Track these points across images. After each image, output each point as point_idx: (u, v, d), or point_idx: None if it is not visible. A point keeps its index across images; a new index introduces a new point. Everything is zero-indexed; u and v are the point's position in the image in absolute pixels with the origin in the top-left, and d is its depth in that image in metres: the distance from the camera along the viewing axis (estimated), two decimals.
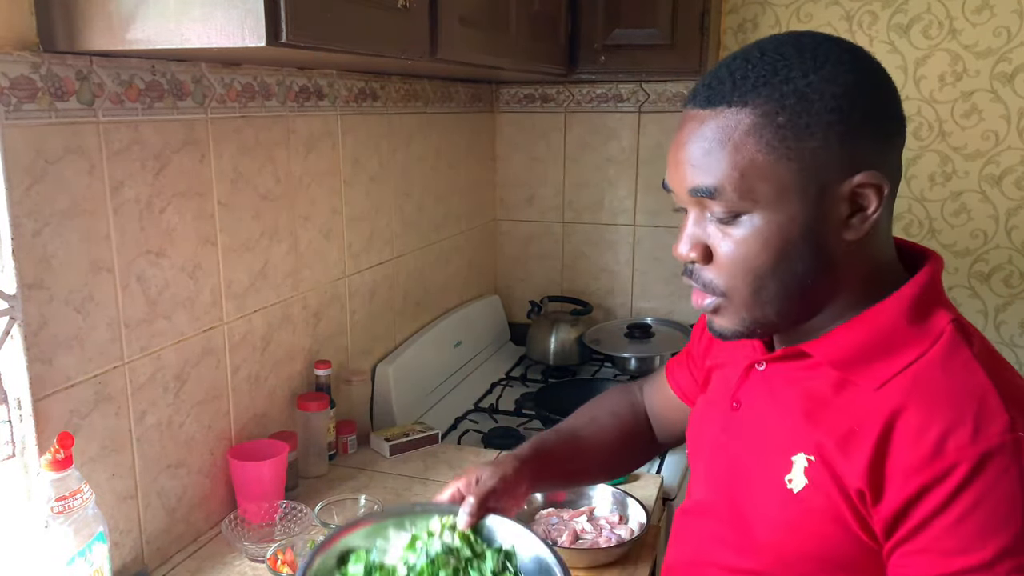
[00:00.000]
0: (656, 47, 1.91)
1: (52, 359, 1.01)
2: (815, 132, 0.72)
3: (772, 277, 0.76)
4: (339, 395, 1.60)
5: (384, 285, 1.81)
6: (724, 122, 0.74)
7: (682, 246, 0.80)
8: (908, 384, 0.74)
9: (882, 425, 0.73)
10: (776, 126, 0.72)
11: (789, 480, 0.79)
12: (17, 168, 0.95)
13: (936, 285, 0.80)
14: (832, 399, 0.78)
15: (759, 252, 0.75)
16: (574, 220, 2.39)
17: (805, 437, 0.79)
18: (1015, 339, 2.18)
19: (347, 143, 1.62)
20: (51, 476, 0.92)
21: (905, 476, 0.70)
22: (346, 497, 1.35)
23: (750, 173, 0.73)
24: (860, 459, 0.73)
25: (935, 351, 0.75)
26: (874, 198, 0.75)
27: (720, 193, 0.75)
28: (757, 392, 0.87)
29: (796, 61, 0.73)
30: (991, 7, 2.01)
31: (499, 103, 2.38)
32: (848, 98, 0.72)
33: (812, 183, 0.74)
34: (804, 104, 0.72)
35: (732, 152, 0.74)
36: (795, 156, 0.73)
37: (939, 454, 0.69)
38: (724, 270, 0.78)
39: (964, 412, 0.70)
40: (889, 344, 0.76)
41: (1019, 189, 2.09)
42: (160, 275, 1.17)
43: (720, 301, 0.80)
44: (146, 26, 0.92)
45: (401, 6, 1.13)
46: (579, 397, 1.81)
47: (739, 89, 0.74)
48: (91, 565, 0.95)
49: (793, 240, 0.75)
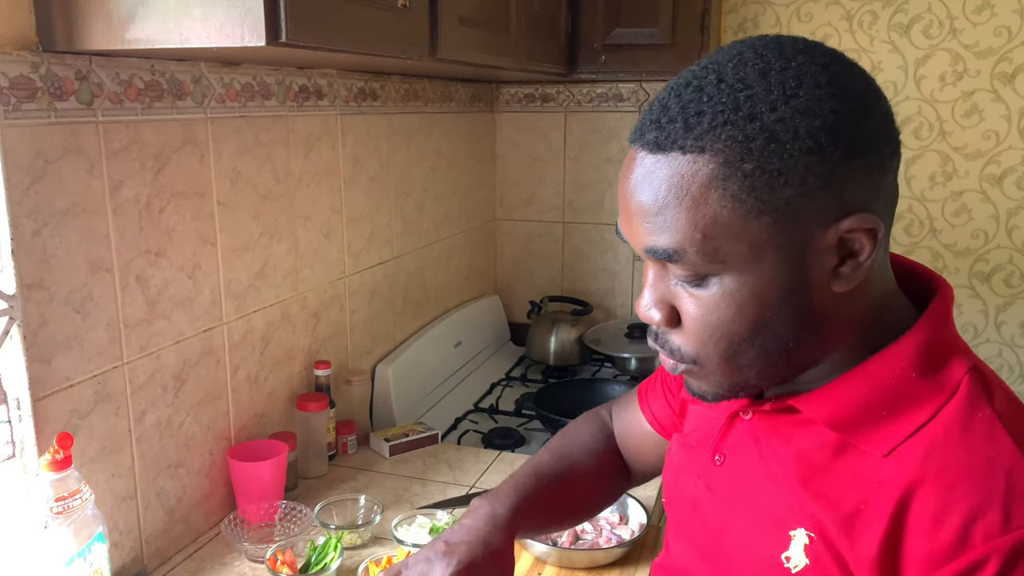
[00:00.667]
0: (656, 47, 1.91)
1: (51, 359, 1.01)
2: (790, 179, 0.60)
3: (750, 343, 0.65)
4: (339, 395, 1.60)
5: (384, 285, 1.81)
6: (678, 171, 0.61)
7: (644, 308, 0.69)
8: (922, 453, 0.62)
9: (894, 506, 0.61)
10: (742, 175, 0.60)
11: (787, 559, 0.68)
12: (16, 168, 0.94)
13: (948, 325, 0.68)
14: (831, 465, 0.67)
15: (733, 318, 0.64)
16: (574, 220, 2.39)
17: (804, 509, 0.67)
18: (1015, 339, 2.18)
19: (347, 143, 1.62)
20: (50, 476, 0.92)
21: (925, 570, 0.59)
22: (346, 497, 1.35)
23: (714, 233, 0.61)
24: (869, 545, 0.62)
25: (951, 410, 0.63)
26: (867, 242, 0.63)
27: (681, 256, 0.63)
28: (743, 447, 0.76)
29: (761, 90, 0.60)
30: (992, 7, 2.01)
31: (499, 103, 2.38)
32: (828, 132, 0.60)
33: (791, 237, 0.62)
34: (774, 146, 0.59)
35: (691, 208, 0.61)
36: (768, 208, 0.60)
37: (964, 545, 0.58)
38: (694, 336, 0.66)
39: (991, 492, 0.59)
40: (896, 401, 0.64)
41: (1020, 189, 2.09)
42: (159, 275, 1.17)
43: (691, 368, 0.69)
44: (146, 26, 0.92)
45: (401, 6, 1.12)
46: (579, 397, 1.83)
47: (693, 131, 0.61)
48: (90, 565, 0.95)
49: (773, 302, 0.63)
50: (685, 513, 0.83)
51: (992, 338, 2.20)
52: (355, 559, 1.20)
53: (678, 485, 0.86)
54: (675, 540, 0.86)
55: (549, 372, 2.18)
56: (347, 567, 1.19)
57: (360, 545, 1.27)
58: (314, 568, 1.15)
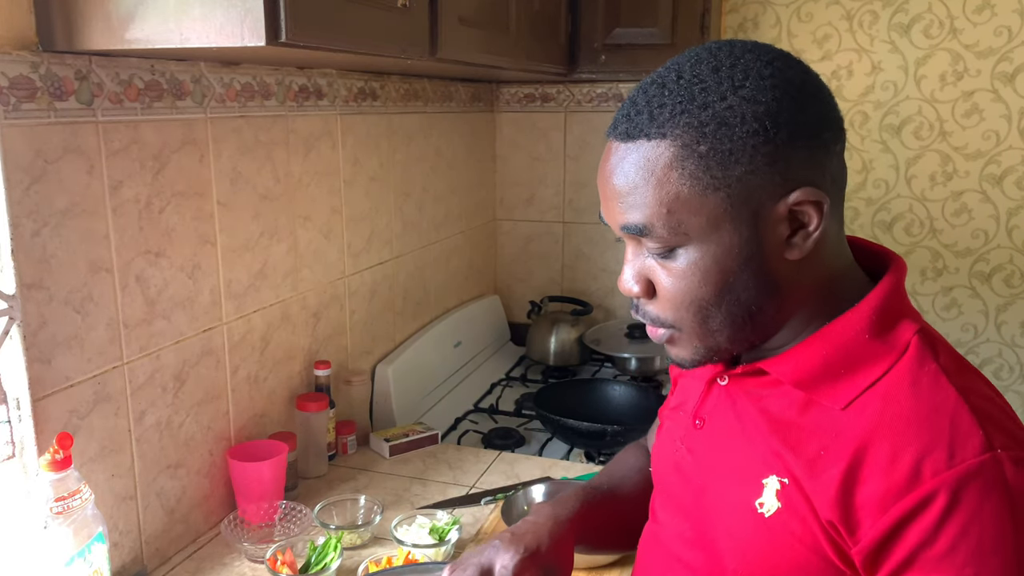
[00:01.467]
0: (656, 47, 1.91)
1: (51, 359, 1.01)
2: (740, 158, 0.69)
3: (717, 307, 0.73)
4: (339, 395, 1.60)
5: (384, 285, 1.81)
6: (645, 155, 0.71)
7: (624, 282, 0.78)
8: (877, 405, 0.70)
9: (851, 451, 0.68)
10: (698, 156, 0.69)
11: (760, 504, 0.74)
12: (16, 168, 0.94)
13: (900, 293, 0.76)
14: (798, 419, 0.74)
15: (700, 284, 0.73)
16: (574, 220, 2.39)
17: (775, 458, 0.74)
18: (1015, 339, 2.18)
19: (347, 143, 1.62)
20: (50, 477, 0.92)
21: (881, 507, 0.66)
22: (346, 498, 1.35)
23: (677, 208, 0.71)
24: (830, 487, 0.69)
25: (901, 366, 0.71)
26: (814, 214, 0.71)
27: (650, 230, 0.72)
28: (720, 409, 0.83)
29: (713, 83, 0.70)
30: (992, 7, 2.01)
31: (499, 103, 2.38)
32: (771, 117, 0.68)
33: (744, 209, 0.70)
34: (725, 130, 0.68)
35: (656, 187, 0.71)
36: (722, 185, 0.69)
37: (915, 482, 0.64)
38: (668, 303, 0.75)
39: (937, 434, 0.66)
40: (852, 360, 0.72)
41: (1020, 189, 2.09)
42: (159, 275, 1.17)
43: (671, 332, 0.77)
44: (145, 25, 0.92)
45: (401, 5, 1.12)
46: (579, 397, 1.83)
47: (656, 120, 0.70)
48: (90, 566, 0.95)
49: (733, 269, 0.72)
50: (669, 478, 0.89)
51: (992, 338, 2.19)
52: (355, 559, 1.20)
53: (663, 453, 0.92)
54: (660, 507, 0.91)
55: (549, 372, 2.17)
56: (347, 567, 1.19)
57: (360, 545, 1.27)
58: (314, 568, 1.15)
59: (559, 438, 1.69)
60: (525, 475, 1.51)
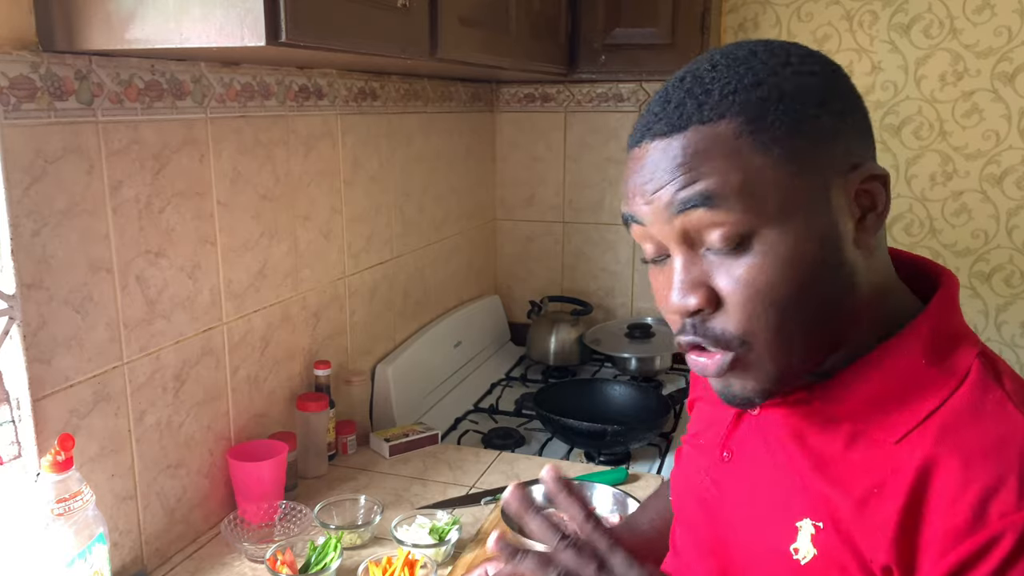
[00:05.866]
0: (656, 47, 1.91)
1: (51, 359, 1.01)
2: (804, 129, 0.63)
3: (798, 306, 0.64)
4: (339, 395, 1.60)
5: (384, 285, 1.81)
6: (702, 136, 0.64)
7: (679, 296, 0.66)
8: (935, 435, 0.63)
9: (909, 486, 0.62)
10: (764, 129, 0.63)
11: (795, 550, 0.67)
12: (16, 168, 0.94)
13: (955, 313, 0.69)
14: (843, 454, 0.67)
15: (781, 277, 0.63)
16: (574, 220, 2.39)
17: (812, 499, 0.68)
18: (1016, 339, 2.18)
19: (347, 143, 1.62)
20: (52, 478, 0.92)
21: (942, 548, 0.59)
22: (346, 498, 1.35)
23: (752, 177, 0.63)
24: (884, 527, 0.62)
25: (962, 394, 0.64)
26: (882, 191, 0.66)
27: (721, 200, 0.63)
28: (751, 442, 0.76)
29: (757, 64, 0.65)
30: (992, 7, 2.01)
31: (499, 103, 2.38)
32: (823, 90, 0.65)
33: (817, 187, 0.64)
34: (786, 102, 0.63)
35: (724, 159, 0.63)
36: (792, 158, 0.63)
37: (980, 522, 0.58)
38: (739, 310, 0.64)
39: (1006, 469, 0.59)
40: (907, 388, 0.65)
41: (1020, 189, 2.09)
42: (159, 275, 1.17)
43: (737, 354, 0.66)
44: (145, 25, 0.92)
45: (401, 6, 1.12)
46: (579, 397, 1.83)
47: (706, 106, 0.64)
48: (91, 567, 0.95)
49: (815, 256, 0.64)
50: (692, 511, 0.83)
51: (992, 338, 2.19)
52: (355, 559, 1.20)
53: (686, 485, 0.85)
54: (682, 540, 0.85)
55: (549, 372, 2.17)
56: (347, 567, 1.19)
57: (360, 545, 1.26)
58: (314, 568, 1.15)
59: (559, 438, 1.69)
60: (525, 475, 1.51)
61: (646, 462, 1.62)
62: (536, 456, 1.62)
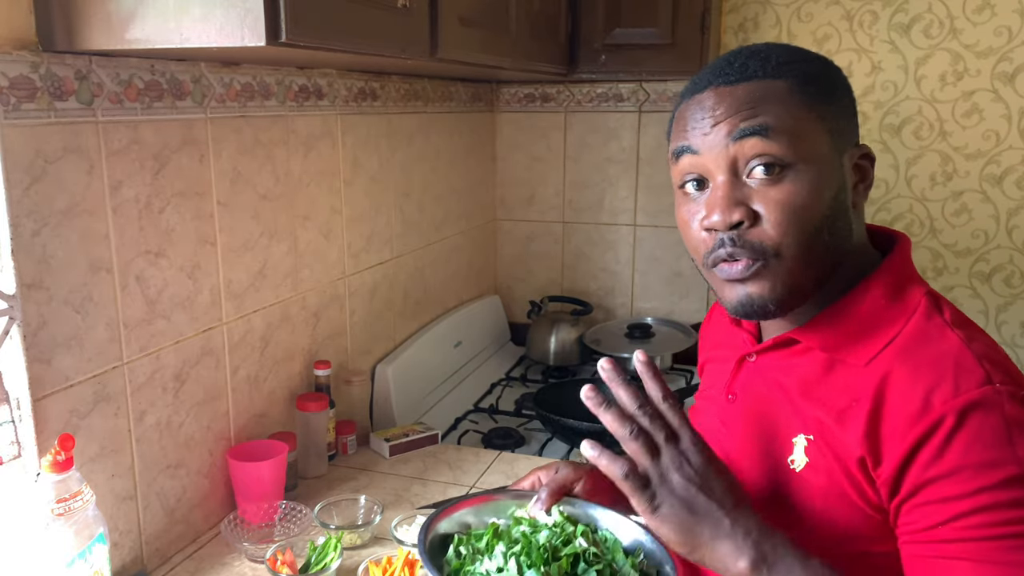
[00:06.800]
0: (656, 46, 1.91)
1: (51, 359, 1.01)
2: (836, 103, 0.81)
3: (819, 232, 0.78)
4: (339, 395, 1.60)
5: (384, 285, 1.81)
6: (765, 87, 0.79)
7: (724, 211, 0.79)
8: (893, 355, 0.78)
9: (873, 393, 0.77)
10: (809, 95, 0.79)
11: (792, 461, 0.82)
12: (16, 168, 0.94)
13: (907, 262, 0.86)
14: (824, 379, 0.82)
15: (810, 203, 0.78)
16: (574, 220, 2.39)
17: (803, 417, 0.82)
18: (1016, 339, 2.18)
19: (347, 143, 1.62)
20: (52, 478, 0.92)
21: (900, 435, 0.74)
22: (346, 497, 1.35)
23: (799, 124, 0.78)
24: (857, 428, 0.77)
25: (913, 323, 0.80)
26: (871, 169, 0.84)
27: (775, 134, 0.77)
28: (751, 382, 0.90)
29: (803, 51, 0.83)
30: (992, 7, 2.01)
31: (499, 103, 2.38)
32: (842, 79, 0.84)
33: (837, 147, 0.80)
34: (826, 79, 0.81)
35: (780, 106, 0.78)
36: (826, 121, 0.79)
37: (926, 410, 0.73)
38: (777, 226, 0.78)
39: (944, 371, 0.75)
40: (872, 323, 0.81)
41: (1020, 189, 2.09)
42: (159, 275, 1.17)
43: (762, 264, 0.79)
44: (145, 25, 0.92)
45: (401, 6, 1.12)
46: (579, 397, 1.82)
47: (768, 66, 0.80)
48: (91, 567, 0.95)
49: (832, 199, 0.79)
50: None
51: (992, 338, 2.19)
52: (355, 559, 1.20)
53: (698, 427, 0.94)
54: None
55: (549, 372, 2.18)
56: (347, 567, 1.19)
57: (360, 545, 1.26)
58: (314, 568, 1.15)
59: (559, 438, 1.69)
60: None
61: None
62: (536, 456, 1.62)
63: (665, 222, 2.31)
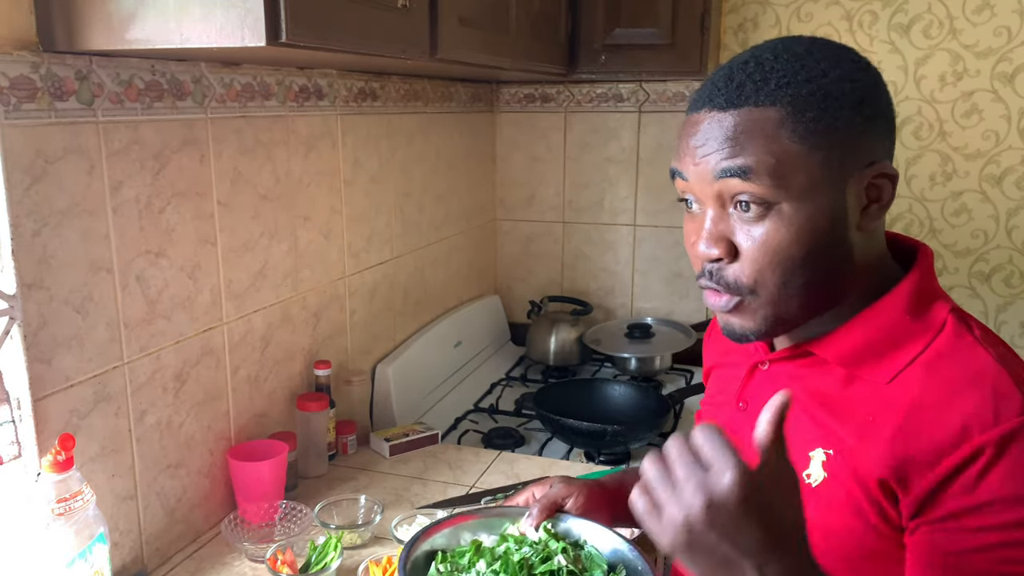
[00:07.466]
0: (656, 47, 1.91)
1: (51, 359, 1.01)
2: (839, 126, 0.75)
3: (801, 269, 0.77)
4: (339, 395, 1.60)
5: (384, 285, 1.81)
6: (752, 117, 0.76)
7: (705, 245, 0.79)
8: (921, 374, 0.76)
9: (899, 412, 0.74)
10: (806, 120, 0.75)
11: (807, 475, 0.79)
12: (17, 168, 0.94)
13: (931, 277, 0.82)
14: (842, 393, 0.80)
15: (791, 243, 0.76)
16: (574, 220, 2.39)
17: (820, 431, 0.80)
18: (1016, 339, 2.18)
19: (347, 143, 1.62)
20: (52, 478, 0.92)
21: (931, 459, 0.72)
22: (346, 497, 1.35)
23: (784, 161, 0.75)
24: (880, 447, 0.74)
25: (941, 340, 0.77)
26: (889, 187, 0.78)
27: (755, 176, 0.75)
28: (763, 392, 0.87)
29: (811, 62, 0.76)
30: (991, 7, 2.01)
31: (499, 103, 2.38)
32: (862, 93, 0.76)
33: (838, 175, 0.76)
34: (829, 101, 0.75)
35: (765, 141, 0.75)
36: (824, 147, 0.75)
37: (964, 438, 0.70)
38: (753, 264, 0.77)
39: (982, 396, 0.72)
40: (894, 339, 0.78)
41: (1019, 189, 2.09)
42: (159, 275, 1.17)
43: (743, 299, 0.79)
44: (146, 26, 0.92)
45: (401, 6, 1.12)
46: (579, 397, 1.83)
47: (762, 90, 0.76)
48: (91, 566, 0.95)
49: (824, 230, 0.76)
50: None
51: None
52: (355, 559, 1.20)
53: None
54: None
55: (549, 372, 2.18)
56: (347, 567, 1.19)
57: (360, 545, 1.27)
58: (314, 568, 1.15)
59: (559, 438, 1.69)
60: (525, 475, 1.51)
61: None
62: (536, 456, 1.62)
63: (665, 222, 2.31)
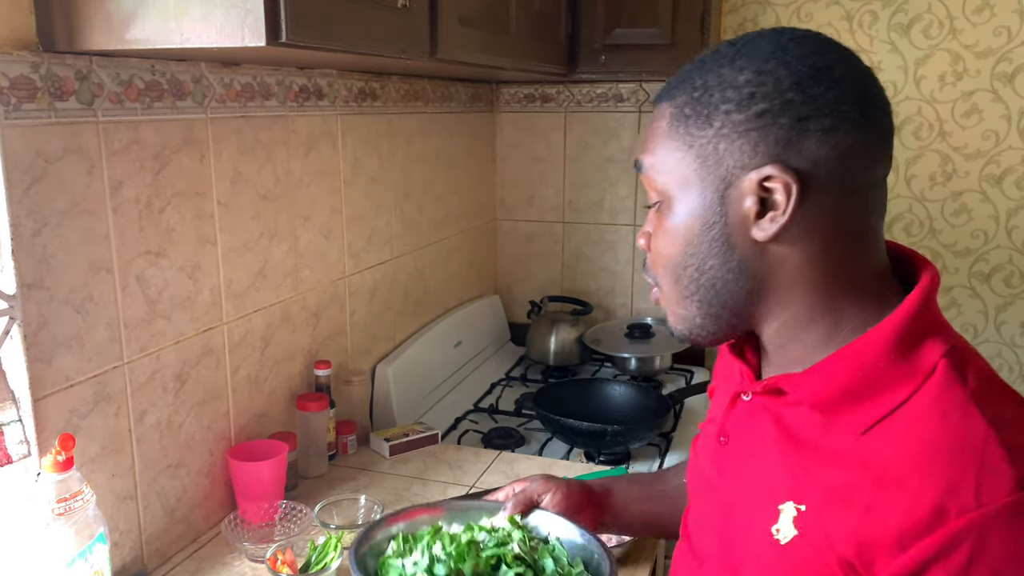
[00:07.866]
0: (656, 47, 1.91)
1: (51, 359, 1.01)
2: (712, 121, 0.70)
3: (684, 270, 0.74)
4: (339, 395, 1.60)
5: (384, 285, 1.81)
6: (656, 115, 0.77)
7: (639, 236, 0.82)
8: (899, 434, 0.64)
9: (871, 483, 0.64)
10: (683, 116, 0.72)
11: (776, 531, 0.70)
12: (17, 168, 0.94)
13: (930, 308, 0.70)
14: (816, 442, 0.70)
15: (669, 243, 0.75)
16: (574, 220, 2.39)
17: (793, 482, 0.70)
18: (1015, 339, 2.18)
19: (347, 143, 1.62)
20: (52, 477, 0.92)
21: (900, 544, 0.61)
22: (346, 497, 1.35)
23: (660, 162, 0.74)
24: (847, 520, 0.65)
25: (926, 391, 0.65)
26: (783, 198, 0.67)
27: (646, 171, 0.77)
28: (742, 426, 0.80)
29: (723, 55, 0.71)
30: (991, 7, 2.01)
31: (499, 103, 2.38)
32: (752, 88, 0.68)
33: (713, 174, 0.70)
34: (706, 95, 0.70)
35: (655, 139, 0.76)
36: (696, 145, 0.71)
37: (939, 519, 0.60)
38: (650, 259, 0.79)
39: (964, 469, 0.60)
40: (873, 383, 0.67)
41: (1019, 189, 2.09)
42: (160, 275, 1.17)
43: (658, 292, 0.80)
44: (146, 26, 0.92)
45: (401, 6, 1.12)
46: (579, 397, 1.83)
47: (670, 87, 0.76)
48: (91, 566, 0.95)
49: (696, 233, 0.72)
50: (700, 493, 0.88)
51: (992, 338, 2.20)
52: None
53: (695, 467, 0.92)
54: (692, 522, 0.90)
55: (549, 372, 2.18)
56: (347, 567, 1.19)
57: None
58: (314, 568, 1.15)
59: (559, 438, 1.69)
60: (525, 475, 1.50)
61: (646, 462, 1.62)
62: (536, 456, 1.62)
63: None
